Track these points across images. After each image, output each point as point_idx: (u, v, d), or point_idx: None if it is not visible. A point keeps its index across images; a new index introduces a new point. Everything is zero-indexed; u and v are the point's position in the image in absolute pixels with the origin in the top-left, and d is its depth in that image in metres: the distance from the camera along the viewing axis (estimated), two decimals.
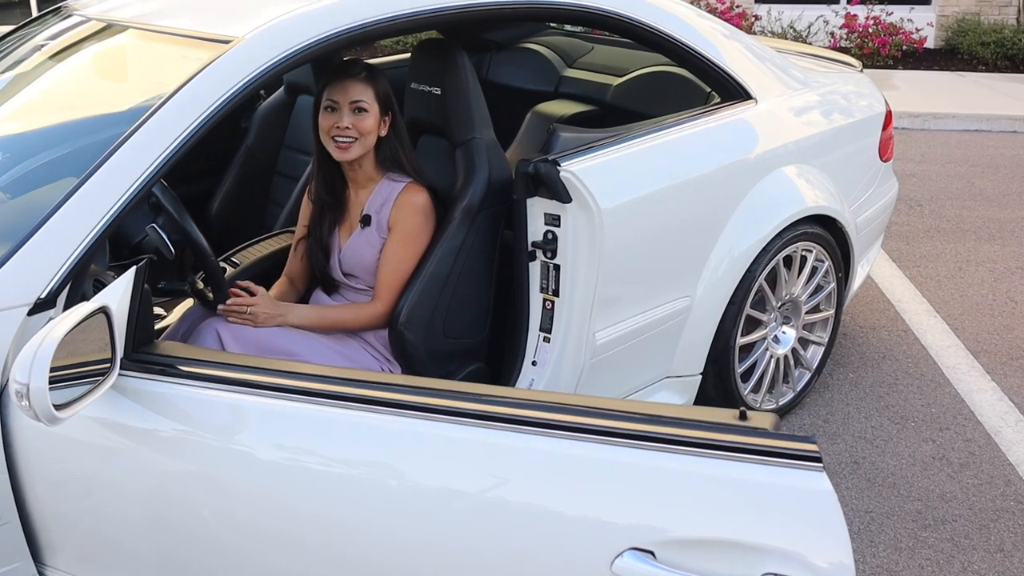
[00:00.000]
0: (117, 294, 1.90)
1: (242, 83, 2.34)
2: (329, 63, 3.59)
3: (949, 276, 5.18)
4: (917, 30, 11.15)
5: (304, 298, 3.13)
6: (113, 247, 2.68)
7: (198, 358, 1.95)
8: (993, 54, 10.77)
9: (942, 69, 10.76)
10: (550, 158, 2.84)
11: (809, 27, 11.43)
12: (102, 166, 2.17)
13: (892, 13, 11.23)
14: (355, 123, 2.79)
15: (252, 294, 2.78)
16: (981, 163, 7.35)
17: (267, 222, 4.07)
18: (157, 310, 3.43)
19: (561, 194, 2.80)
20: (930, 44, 11.55)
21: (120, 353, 1.89)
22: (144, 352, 1.97)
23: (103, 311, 1.83)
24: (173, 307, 3.31)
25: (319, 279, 3.07)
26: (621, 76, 4.16)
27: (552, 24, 4.94)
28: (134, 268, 1.97)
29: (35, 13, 11.83)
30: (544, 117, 4.08)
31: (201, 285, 2.77)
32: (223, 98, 2.32)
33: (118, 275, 2.72)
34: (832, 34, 11.30)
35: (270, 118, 4.10)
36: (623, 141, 3.04)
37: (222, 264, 3.38)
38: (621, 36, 3.30)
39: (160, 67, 2.66)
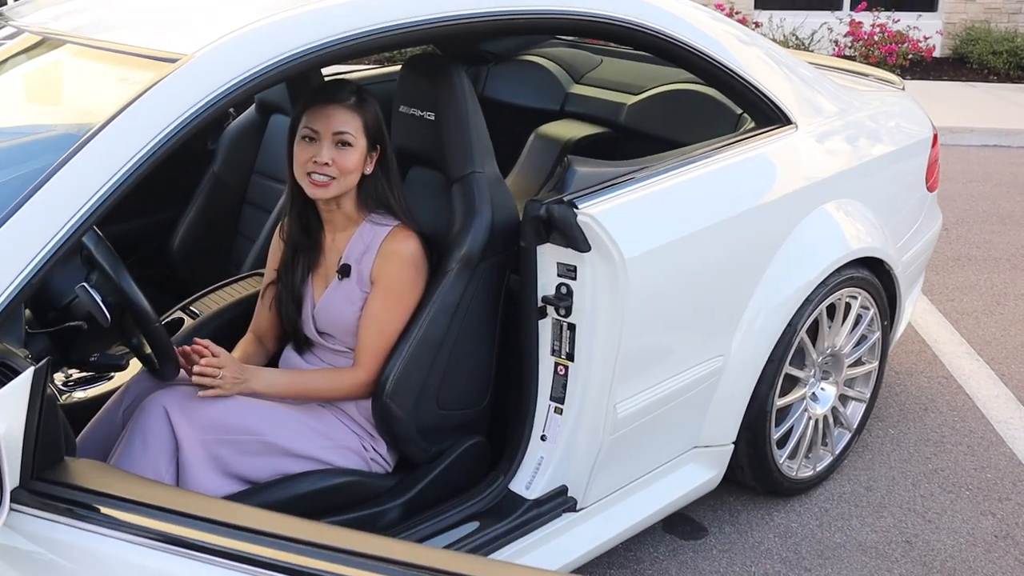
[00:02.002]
0: (6, 406, 1.43)
1: (189, 112, 1.89)
2: (307, 83, 3.12)
3: (987, 311, 4.74)
4: (925, 38, 10.73)
5: (274, 359, 2.66)
6: (38, 309, 2.21)
7: (120, 495, 1.47)
8: (1005, 63, 10.36)
9: (951, 79, 10.35)
10: (565, 198, 2.39)
11: (812, 35, 11.00)
12: (15, 213, 1.71)
13: (899, 20, 10.81)
14: (336, 159, 2.33)
15: (210, 355, 2.32)
16: (1005, 182, 6.92)
17: (235, 258, 3.60)
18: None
19: (578, 241, 2.35)
20: (937, 53, 11.14)
21: (9, 484, 1.42)
22: (48, 480, 1.49)
23: None
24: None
25: (290, 335, 2.60)
26: (636, 94, 3.71)
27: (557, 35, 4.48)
28: (31, 371, 1.49)
29: None
30: (549, 140, 3.62)
31: (148, 349, 2.29)
32: (166, 130, 1.86)
33: (41, 347, 2.27)
34: (836, 42, 10.88)
35: (239, 140, 3.63)
36: (649, 177, 2.59)
37: (179, 315, 2.91)
38: (640, 50, 2.84)
39: (95, 90, 2.19)
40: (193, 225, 3.63)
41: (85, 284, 2.10)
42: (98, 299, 2.09)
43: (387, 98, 2.65)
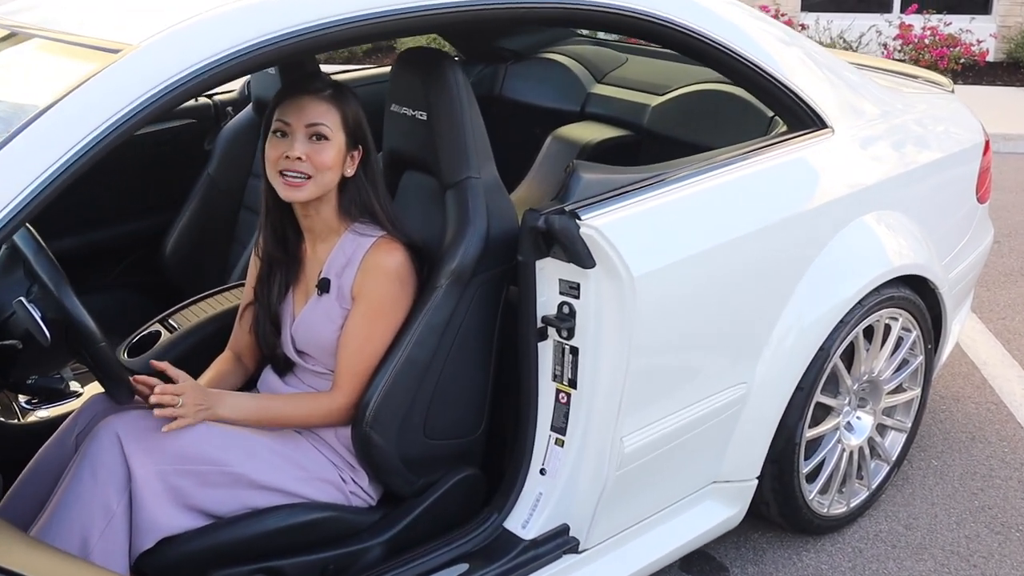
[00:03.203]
0: None
1: (129, 108, 1.69)
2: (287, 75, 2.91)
3: None
4: (978, 42, 10.34)
5: (254, 379, 2.44)
6: None
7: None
8: None
9: (1006, 84, 9.95)
10: (567, 208, 2.14)
11: (860, 37, 10.64)
12: None
13: (951, 23, 10.43)
14: (310, 154, 2.10)
15: (168, 380, 2.10)
16: None
17: (231, 265, 3.39)
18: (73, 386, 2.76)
19: (582, 256, 2.10)
20: (990, 57, 10.74)
21: None
22: None
23: None
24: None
25: (268, 357, 2.37)
26: (661, 95, 3.45)
27: (581, 32, 4.24)
28: None
29: None
30: (567, 143, 3.38)
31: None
32: (101, 128, 1.67)
33: None
34: (885, 45, 10.51)
35: (236, 141, 3.42)
36: (664, 185, 2.34)
37: (157, 327, 2.70)
38: (661, 45, 2.59)
39: (36, 81, 1.98)
40: (187, 230, 3.42)
41: (23, 299, 1.89)
42: (36, 316, 1.88)
43: (376, 103, 2.44)
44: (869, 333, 2.83)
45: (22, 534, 1.60)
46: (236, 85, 3.74)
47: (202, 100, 3.67)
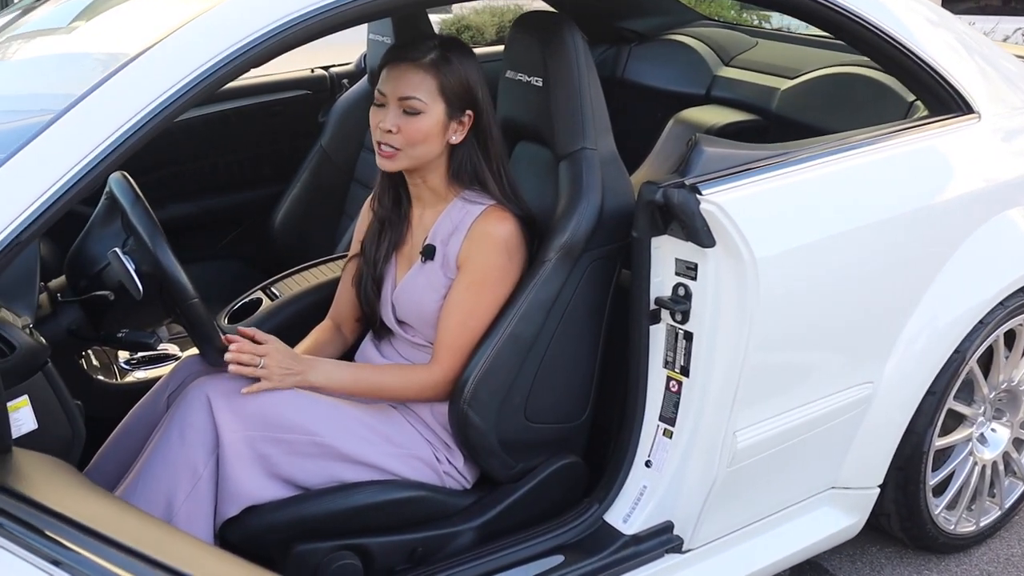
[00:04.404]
0: None
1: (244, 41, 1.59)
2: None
3: None
4: None
5: (351, 351, 2.36)
6: (72, 275, 1.97)
7: (54, 508, 1.17)
8: None
9: None
10: (687, 182, 2.00)
11: (1005, 40, 10.18)
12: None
13: None
14: (401, 126, 2.01)
15: (258, 343, 2.03)
16: None
17: (339, 237, 3.33)
18: (167, 347, 2.74)
19: (700, 234, 1.97)
20: None
21: None
22: None
23: None
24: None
25: (368, 320, 2.29)
26: (792, 78, 3.26)
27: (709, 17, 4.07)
28: None
29: None
30: (689, 126, 3.22)
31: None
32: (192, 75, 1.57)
33: (72, 318, 2.02)
34: None
35: (349, 113, 3.37)
36: (791, 163, 2.18)
37: (258, 295, 2.65)
38: (803, 19, 2.42)
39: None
40: (297, 202, 3.39)
41: (117, 250, 1.84)
42: (130, 268, 1.83)
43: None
44: (1011, 339, 2.62)
45: (108, 494, 1.54)
46: (353, 56, 3.70)
47: (318, 71, 3.64)
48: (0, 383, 1.35)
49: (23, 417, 1.58)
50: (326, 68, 3.66)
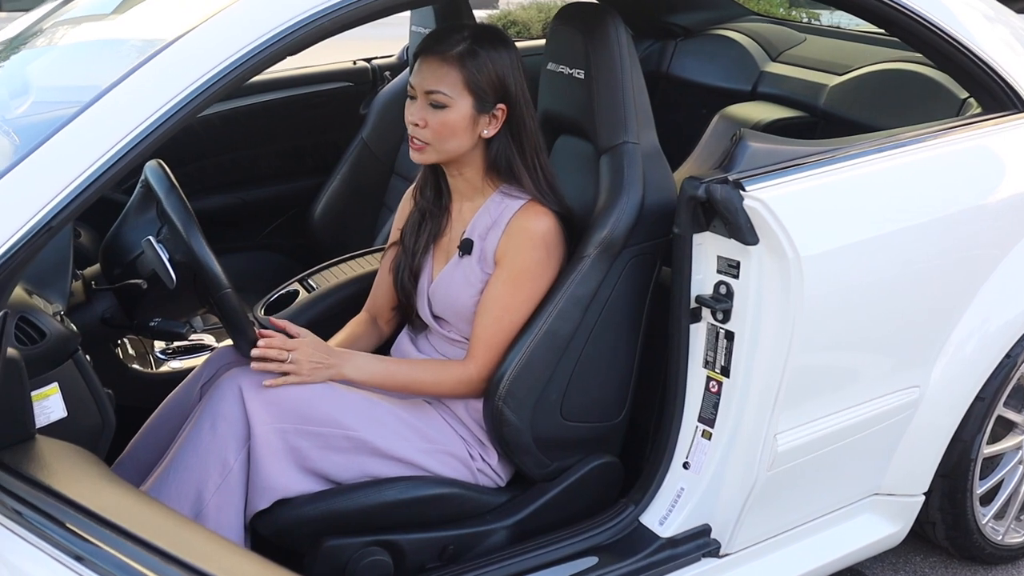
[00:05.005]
0: None
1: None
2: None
3: None
4: None
5: (387, 344, 2.33)
6: (107, 263, 1.96)
7: (73, 497, 1.15)
8: None
9: None
10: (731, 178, 1.95)
11: None
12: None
13: None
14: (429, 120, 1.98)
15: (290, 336, 2.01)
16: None
17: (379, 231, 3.31)
18: (202, 337, 2.73)
19: (743, 231, 1.92)
20: None
21: None
22: (3, 464, 1.19)
23: None
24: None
25: (402, 309, 2.26)
26: (841, 74, 3.20)
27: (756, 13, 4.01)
28: None
29: None
30: (735, 123, 3.16)
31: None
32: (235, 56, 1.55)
33: (105, 306, 2.01)
34: None
35: (391, 106, 3.34)
36: (839, 160, 2.12)
37: (295, 286, 2.63)
38: (854, 13, 2.37)
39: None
40: (336, 194, 3.37)
41: (151, 238, 1.82)
42: (164, 257, 1.81)
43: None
44: None
45: (131, 487, 1.52)
46: (396, 49, 3.68)
47: (360, 63, 3.62)
48: (24, 370, 1.33)
49: (53, 404, 1.57)
50: (368, 60, 3.64)
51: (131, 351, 2.75)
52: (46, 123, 1.51)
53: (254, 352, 1.92)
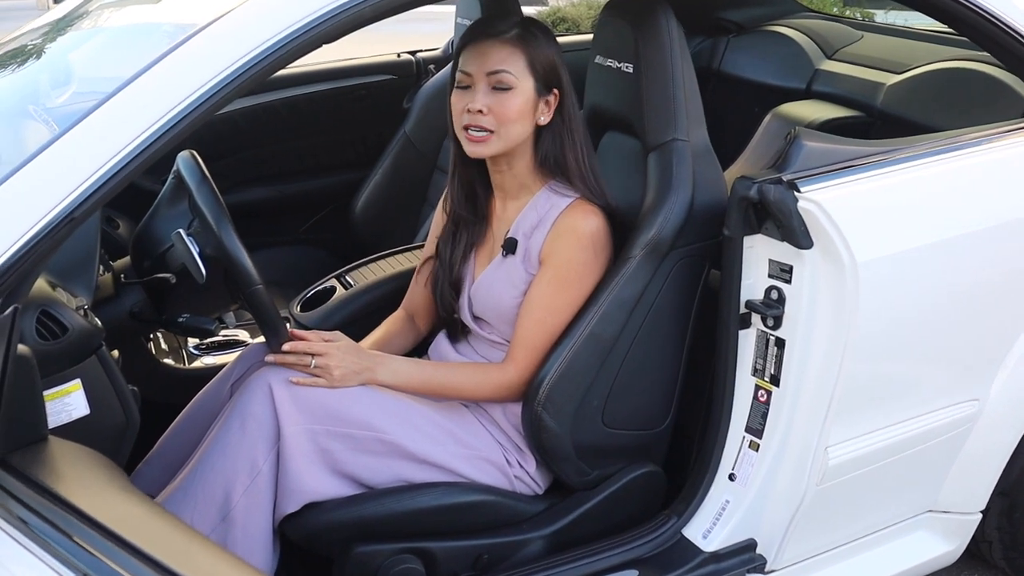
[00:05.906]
0: None
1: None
2: None
3: None
4: None
5: (425, 344, 2.27)
6: (137, 256, 1.91)
7: (77, 505, 1.09)
8: None
9: None
10: (785, 178, 1.87)
11: None
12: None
13: None
14: (493, 106, 1.90)
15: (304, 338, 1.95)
16: None
17: (420, 226, 3.25)
18: (236, 333, 2.68)
19: (797, 234, 1.84)
20: None
21: None
22: (11, 467, 1.13)
23: None
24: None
25: (443, 320, 2.20)
26: (899, 73, 3.09)
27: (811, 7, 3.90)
28: None
29: None
30: (788, 121, 3.07)
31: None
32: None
33: (135, 300, 1.97)
34: None
35: (434, 100, 3.29)
36: (898, 162, 2.02)
37: (332, 283, 2.58)
38: (915, 8, 2.26)
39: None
40: (378, 188, 3.33)
41: (182, 231, 1.77)
42: (194, 250, 1.76)
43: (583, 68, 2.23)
44: None
45: (144, 497, 1.45)
46: (441, 42, 3.62)
47: (404, 56, 3.56)
48: (35, 368, 1.28)
49: (75, 402, 1.52)
50: (412, 53, 3.59)
51: (164, 345, 2.71)
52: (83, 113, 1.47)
53: (271, 357, 1.87)
